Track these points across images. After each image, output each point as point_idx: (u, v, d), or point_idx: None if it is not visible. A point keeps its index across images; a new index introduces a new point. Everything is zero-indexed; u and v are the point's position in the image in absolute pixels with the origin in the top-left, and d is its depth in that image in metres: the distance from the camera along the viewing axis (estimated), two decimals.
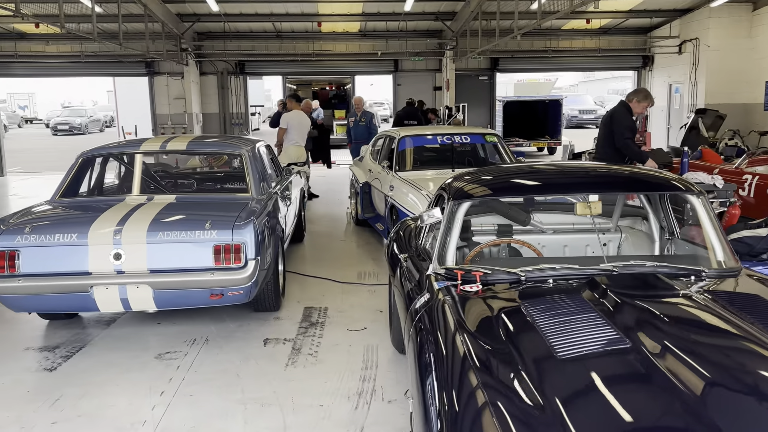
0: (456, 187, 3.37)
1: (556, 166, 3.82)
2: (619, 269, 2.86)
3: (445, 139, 7.83)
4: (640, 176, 3.53)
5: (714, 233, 3.22)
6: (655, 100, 17.15)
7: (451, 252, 3.17)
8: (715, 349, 2.07)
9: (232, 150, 5.53)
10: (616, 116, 6.70)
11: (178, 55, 15.58)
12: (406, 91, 17.67)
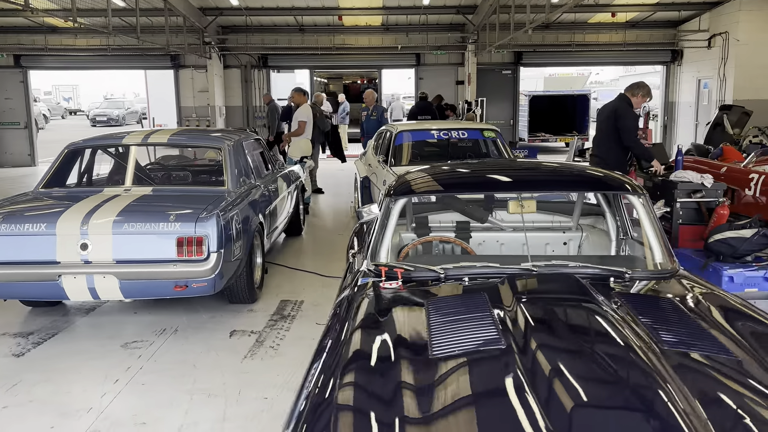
0: (393, 184, 3.36)
1: (503, 165, 3.76)
2: (539, 269, 2.82)
3: (442, 134, 7.81)
4: (581, 175, 3.46)
5: (653, 234, 3.15)
6: (684, 95, 16.84)
7: (384, 248, 3.17)
8: (590, 358, 2.01)
9: (212, 143, 5.62)
10: (621, 113, 6.56)
11: (200, 49, 15.80)
12: (428, 85, 17.57)
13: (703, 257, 5.31)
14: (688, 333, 2.18)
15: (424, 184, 3.38)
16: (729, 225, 5.24)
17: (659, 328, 2.19)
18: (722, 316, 2.44)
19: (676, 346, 2.06)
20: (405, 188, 3.30)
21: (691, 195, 5.75)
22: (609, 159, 6.58)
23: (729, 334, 2.22)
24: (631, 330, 2.15)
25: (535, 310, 2.33)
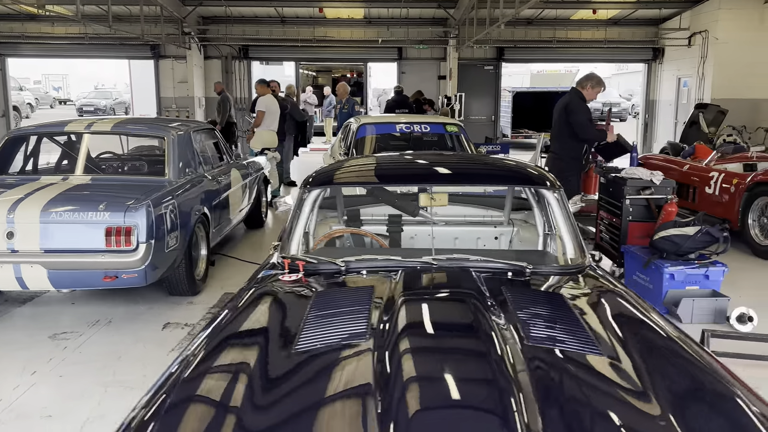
0: (308, 176, 3.31)
1: (417, 157, 3.70)
2: (439, 263, 2.77)
3: (404, 127, 7.75)
4: (493, 169, 3.41)
5: (565, 229, 3.12)
6: (665, 93, 16.81)
7: (296, 240, 3.11)
8: (446, 357, 1.96)
9: (155, 132, 5.54)
10: (572, 107, 6.52)
11: (179, 39, 15.69)
12: (410, 80, 17.51)
13: (649, 254, 5.28)
14: (561, 330, 2.14)
15: (339, 176, 3.32)
16: (674, 223, 5.21)
17: (533, 325, 2.15)
18: (610, 315, 2.40)
19: (543, 342, 2.02)
20: (319, 179, 3.25)
21: (640, 192, 5.72)
22: (563, 155, 6.55)
23: (609, 333, 2.18)
24: (501, 327, 2.10)
25: (413, 306, 2.28)
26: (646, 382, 1.82)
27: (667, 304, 4.97)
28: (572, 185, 6.52)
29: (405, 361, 1.86)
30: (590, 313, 2.39)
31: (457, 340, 2.08)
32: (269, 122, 9.70)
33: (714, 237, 5.00)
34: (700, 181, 7.67)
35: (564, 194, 3.22)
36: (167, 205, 4.65)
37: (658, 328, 2.26)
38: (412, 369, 1.83)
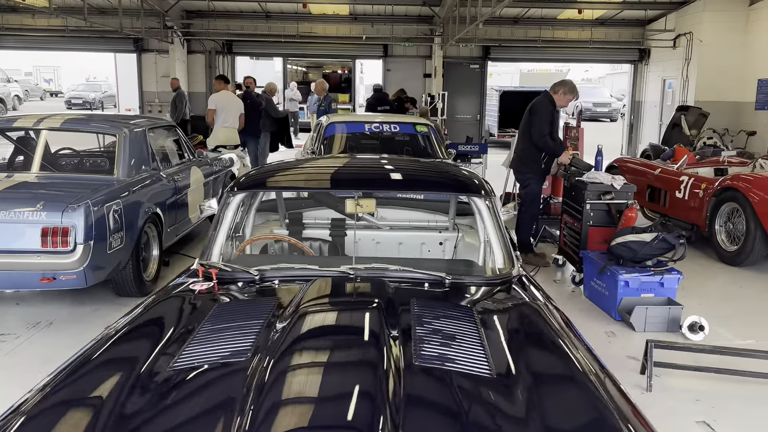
0: (236, 180, 3.21)
1: (348, 161, 3.60)
2: (356, 272, 2.69)
3: (373, 127, 7.65)
4: (422, 175, 3.32)
5: (494, 237, 3.03)
6: (650, 95, 16.75)
7: (218, 246, 3.02)
8: (325, 377, 1.87)
9: (107, 129, 5.43)
10: (537, 109, 6.43)
11: (161, 33, 15.55)
12: (396, 77, 17.45)
13: (606, 260, 5.21)
14: (457, 348, 2.05)
15: (267, 179, 3.22)
16: (632, 229, 5.13)
17: (428, 342, 2.06)
18: (517, 334, 2.31)
19: (431, 361, 1.94)
20: (244, 183, 3.15)
21: (601, 196, 5.64)
22: (524, 156, 6.47)
23: (507, 353, 2.09)
24: (393, 344, 2.02)
25: (307, 321, 2.20)
26: (529, 410, 1.74)
27: (621, 312, 4.90)
28: (533, 189, 6.44)
29: (277, 383, 1.77)
30: (496, 330, 2.30)
31: (342, 358, 1.99)
32: (225, 119, 9.51)
33: (670, 244, 4.94)
34: (670, 186, 7.60)
35: (496, 202, 3.13)
36: (111, 204, 4.54)
37: (565, 350, 2.16)
38: (282, 391, 1.74)
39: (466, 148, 11.51)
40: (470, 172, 3.38)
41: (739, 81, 14.03)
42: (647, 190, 8.08)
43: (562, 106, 6.54)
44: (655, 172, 7.97)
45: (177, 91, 13.99)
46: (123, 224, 4.67)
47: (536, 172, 6.45)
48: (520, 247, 6.56)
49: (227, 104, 9.59)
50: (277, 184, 3.22)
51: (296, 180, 3.22)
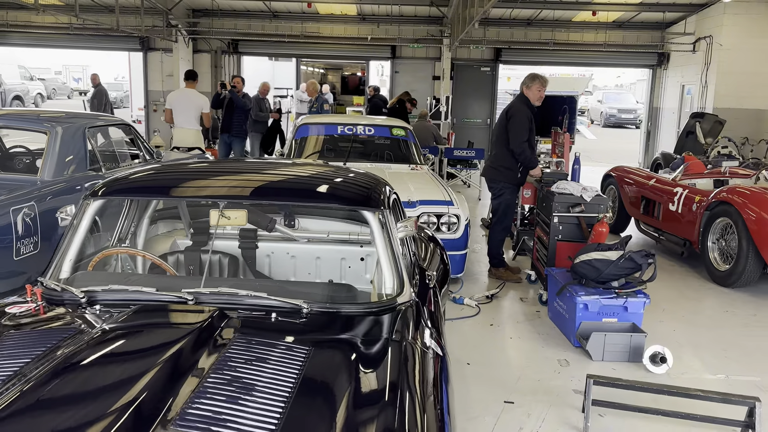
0: (98, 185, 2.83)
1: (222, 167, 3.18)
2: (197, 297, 2.29)
3: (346, 129, 7.25)
4: (301, 182, 2.89)
5: (384, 258, 2.60)
6: (668, 101, 16.05)
7: (67, 261, 2.65)
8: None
9: (37, 126, 5.12)
10: (514, 114, 5.95)
11: (164, 32, 15.36)
12: (404, 79, 17.03)
13: (569, 279, 4.73)
14: (247, 404, 1.64)
15: (129, 185, 2.82)
16: (597, 246, 4.65)
17: (212, 394, 1.66)
18: (351, 382, 1.87)
19: (193, 424, 1.53)
20: (104, 189, 2.77)
21: (570, 209, 5.16)
22: (497, 163, 6.00)
23: (325, 408, 1.68)
24: (170, 398, 1.62)
25: (82, 356, 1.81)
26: None
27: (579, 338, 4.42)
28: (506, 200, 5.97)
29: None
30: (323, 379, 1.87)
31: (90, 411, 1.59)
32: (181, 119, 8.97)
33: (637, 264, 4.45)
34: (664, 198, 7.05)
35: (389, 216, 2.70)
36: (20, 207, 4.22)
37: (394, 413, 1.73)
38: None
39: (462, 153, 11.10)
40: (367, 180, 2.95)
41: (760, 88, 13.32)
42: (642, 202, 7.54)
43: (537, 99, 5.99)
44: (650, 182, 7.42)
45: (97, 88, 13.64)
46: (38, 229, 4.35)
47: (511, 181, 5.98)
48: (492, 260, 6.12)
49: (183, 103, 9.02)
50: (139, 191, 2.82)
51: (161, 187, 2.82)
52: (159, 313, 2.22)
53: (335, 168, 3.21)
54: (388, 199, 2.81)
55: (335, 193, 2.77)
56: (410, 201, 5.61)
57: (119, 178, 2.84)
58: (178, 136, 8.91)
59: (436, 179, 6.52)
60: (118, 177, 2.85)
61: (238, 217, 2.63)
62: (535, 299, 5.51)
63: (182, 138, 8.84)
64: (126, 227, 3.25)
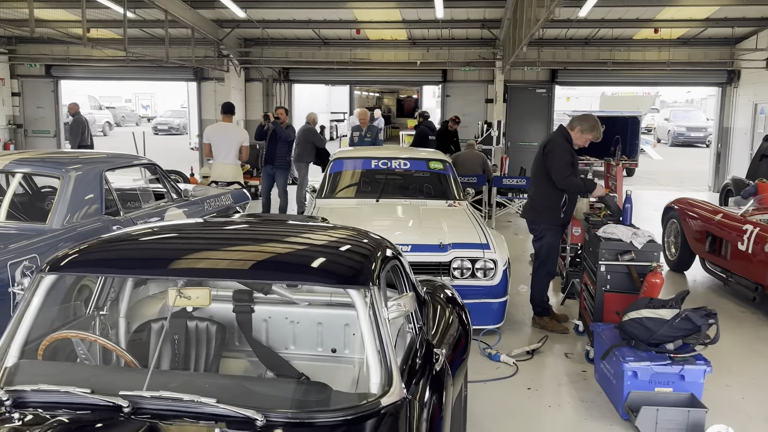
0: (53, 256, 2.53)
1: (192, 234, 2.79)
2: (136, 402, 1.93)
3: (380, 163, 6.89)
4: (273, 260, 2.46)
5: (369, 345, 2.19)
6: (740, 121, 15.02)
7: (15, 345, 2.34)
8: None
9: (50, 171, 4.96)
10: (551, 147, 5.43)
11: (215, 62, 15.49)
12: (456, 103, 16.62)
13: (617, 338, 4.17)
14: None
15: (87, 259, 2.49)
16: (648, 301, 4.08)
17: None
18: None
19: None
20: (57, 263, 2.45)
21: (618, 256, 4.60)
22: (537, 204, 5.49)
23: None
24: None
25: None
26: None
27: (628, 410, 3.84)
28: (549, 242, 5.44)
29: None
30: None
31: None
32: (219, 154, 8.77)
33: (695, 324, 3.85)
34: (732, 235, 6.34)
35: (377, 294, 2.27)
36: (20, 260, 4.02)
37: None
38: None
39: (511, 182, 10.56)
40: (354, 246, 2.53)
41: None
42: (707, 239, 6.83)
43: (579, 145, 5.52)
44: (716, 218, 6.71)
45: (75, 117, 13.58)
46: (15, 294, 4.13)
47: (553, 222, 5.45)
48: (535, 308, 5.59)
49: (221, 137, 8.83)
50: (95, 265, 2.49)
51: (117, 260, 2.49)
52: (82, 427, 1.87)
53: (325, 231, 2.81)
54: (378, 272, 2.39)
55: (309, 268, 2.37)
56: (442, 244, 5.18)
57: (75, 250, 2.52)
58: (217, 171, 8.76)
59: (474, 217, 6.06)
60: (75, 248, 2.53)
61: (200, 297, 2.27)
62: (582, 355, 4.93)
63: (221, 173, 8.67)
64: (105, 292, 2.96)
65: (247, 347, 3.21)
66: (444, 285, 3.78)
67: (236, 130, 9.13)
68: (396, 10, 13.99)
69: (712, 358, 3.95)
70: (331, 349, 3.25)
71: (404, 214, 6.08)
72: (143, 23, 14.38)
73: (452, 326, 3.23)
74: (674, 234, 7.76)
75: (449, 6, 12.67)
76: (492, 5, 13.17)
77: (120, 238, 2.67)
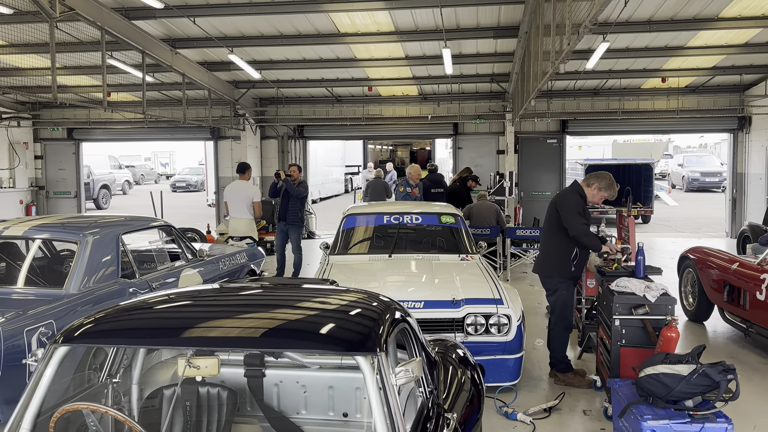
0: (66, 327, 2.57)
1: (205, 302, 2.82)
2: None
3: (392, 219, 6.95)
4: (288, 327, 2.49)
5: (378, 413, 2.18)
6: (754, 166, 14.99)
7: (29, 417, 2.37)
8: None
9: (67, 236, 5.07)
10: (566, 202, 5.48)
11: (231, 121, 15.86)
12: (467, 155, 16.80)
13: (634, 395, 4.10)
14: None
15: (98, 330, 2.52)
16: (664, 356, 4.02)
17: None
18: None
19: None
20: (69, 335, 2.49)
21: (632, 311, 4.56)
22: (550, 257, 5.48)
23: None
24: None
25: None
26: None
27: None
28: (563, 296, 5.41)
29: None
30: None
31: None
32: (237, 210, 9.28)
33: (714, 381, 3.78)
34: (750, 284, 6.27)
35: (384, 361, 2.29)
36: (37, 327, 4.07)
37: None
38: None
39: (525, 233, 10.56)
40: (360, 311, 2.56)
41: None
42: (725, 289, 6.75)
43: (594, 202, 5.58)
44: (732, 267, 6.65)
45: None
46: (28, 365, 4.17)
47: (565, 276, 5.44)
48: (557, 365, 5.51)
49: (236, 194, 9.36)
50: (106, 336, 2.54)
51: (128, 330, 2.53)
52: None
53: (332, 295, 2.84)
54: (385, 338, 2.40)
55: (316, 335, 2.39)
56: (455, 301, 5.17)
57: (88, 320, 2.57)
58: (232, 226, 9.17)
59: (487, 271, 6.05)
60: (88, 319, 2.58)
61: (209, 367, 2.29)
62: (600, 412, 4.84)
63: (235, 227, 9.12)
64: (118, 360, 2.99)
65: (258, 412, 3.21)
66: (456, 345, 3.77)
67: (247, 186, 9.48)
68: (407, 68, 14.32)
69: (734, 413, 3.87)
70: (342, 413, 3.23)
71: (417, 269, 6.10)
72: (161, 86, 14.85)
73: (464, 387, 3.21)
74: (691, 283, 7.68)
75: (458, 62, 12.97)
76: (500, 60, 13.44)
77: (132, 307, 2.72)
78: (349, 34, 11.82)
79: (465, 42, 12.19)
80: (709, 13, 10.32)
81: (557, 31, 6.40)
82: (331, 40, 11.99)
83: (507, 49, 12.63)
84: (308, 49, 12.85)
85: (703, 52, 12.45)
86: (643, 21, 10.62)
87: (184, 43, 12.16)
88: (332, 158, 28.37)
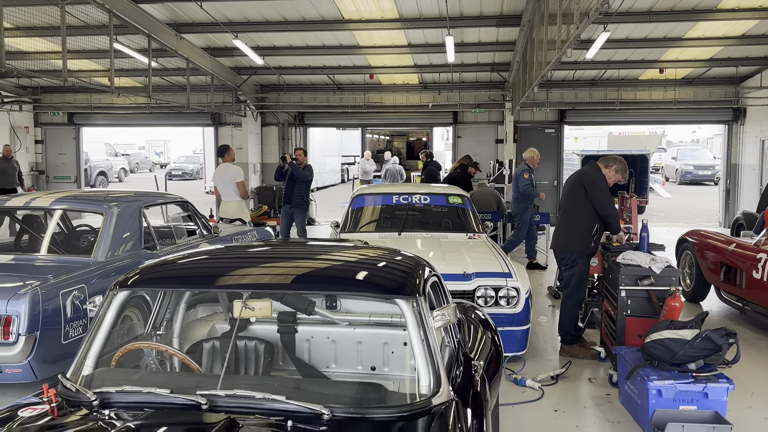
0: (123, 276, 2.76)
1: (249, 253, 3.02)
2: (211, 401, 2.12)
3: (401, 198, 7.14)
4: (323, 273, 2.69)
5: (418, 350, 2.38)
6: (747, 157, 15.26)
7: (92, 356, 2.56)
8: None
9: (93, 207, 5.23)
10: (594, 181, 5.64)
11: (232, 107, 15.97)
12: (467, 144, 16.98)
13: (640, 360, 4.32)
14: None
15: (158, 275, 2.73)
16: (669, 323, 4.24)
17: None
18: None
19: None
20: (131, 279, 2.69)
21: (638, 282, 4.78)
22: (572, 232, 5.63)
23: None
24: None
25: None
26: None
27: (654, 428, 3.97)
28: (580, 270, 5.60)
29: None
30: None
31: None
32: (225, 193, 9.46)
33: (716, 344, 4.00)
34: (747, 264, 6.50)
35: (424, 304, 2.49)
36: (70, 290, 4.24)
37: None
38: None
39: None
40: (400, 263, 2.75)
41: None
42: (722, 269, 6.99)
43: (612, 181, 5.77)
44: (729, 248, 6.88)
45: (9, 161, 13.86)
46: (87, 311, 4.35)
47: (586, 251, 5.61)
48: (565, 337, 5.72)
49: (221, 177, 9.54)
50: (164, 282, 2.73)
51: (185, 277, 2.72)
52: (167, 422, 2.06)
53: (368, 250, 3.04)
54: (423, 285, 2.60)
55: (361, 280, 2.59)
56: (466, 274, 5.37)
57: (146, 267, 2.76)
58: (223, 209, 9.37)
59: (495, 249, 6.25)
60: (146, 266, 2.77)
61: (262, 309, 2.48)
62: (605, 380, 5.07)
63: (225, 210, 9.32)
64: (161, 314, 3.17)
65: (290, 366, 3.39)
66: (474, 306, 3.97)
67: (229, 168, 9.62)
68: (408, 56, 14.47)
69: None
70: (370, 367, 3.42)
71: (427, 246, 6.29)
72: (164, 71, 14.93)
73: (485, 344, 3.42)
74: (688, 265, 7.91)
75: (460, 51, 13.13)
76: (501, 49, 13.61)
77: (184, 257, 2.90)
78: (354, 21, 11.95)
79: (467, 30, 12.35)
80: (709, 4, 10.53)
81: (564, 20, 6.58)
82: (335, 26, 12.12)
83: (509, 38, 12.81)
84: (312, 36, 12.97)
85: (700, 44, 12.66)
86: (643, 11, 10.82)
87: (188, 28, 12.27)
88: (329, 148, 28.45)
